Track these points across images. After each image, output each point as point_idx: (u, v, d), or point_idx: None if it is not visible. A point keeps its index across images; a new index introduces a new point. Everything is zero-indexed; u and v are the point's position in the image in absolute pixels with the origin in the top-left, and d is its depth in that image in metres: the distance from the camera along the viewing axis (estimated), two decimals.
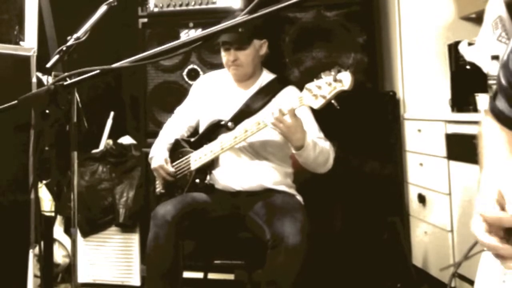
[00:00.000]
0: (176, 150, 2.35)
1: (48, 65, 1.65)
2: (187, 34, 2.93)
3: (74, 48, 1.70)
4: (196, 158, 2.25)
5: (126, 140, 3.21)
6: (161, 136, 2.45)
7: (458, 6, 2.89)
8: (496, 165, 0.99)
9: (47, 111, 1.17)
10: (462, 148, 2.32)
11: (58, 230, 2.98)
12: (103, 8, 1.85)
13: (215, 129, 2.26)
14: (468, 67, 2.57)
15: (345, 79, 1.82)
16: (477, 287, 1.01)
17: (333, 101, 1.87)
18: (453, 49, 2.69)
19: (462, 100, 2.62)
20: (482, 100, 2.41)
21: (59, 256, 2.97)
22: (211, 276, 2.57)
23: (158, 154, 2.34)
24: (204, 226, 2.19)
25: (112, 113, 3.25)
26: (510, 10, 2.42)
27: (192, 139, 2.35)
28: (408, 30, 2.97)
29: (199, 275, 2.56)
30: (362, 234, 2.72)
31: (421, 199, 2.68)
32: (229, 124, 2.24)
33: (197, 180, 2.25)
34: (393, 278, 2.63)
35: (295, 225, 1.95)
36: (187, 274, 2.38)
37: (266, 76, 2.38)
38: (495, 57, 2.38)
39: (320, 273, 2.46)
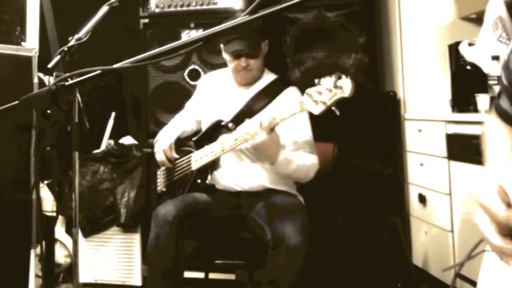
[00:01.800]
0: (178, 148, 2.36)
1: (50, 65, 1.65)
2: (188, 35, 2.93)
3: (75, 49, 1.70)
4: (197, 158, 2.25)
5: (127, 140, 3.21)
6: (170, 124, 2.46)
7: (458, 7, 2.89)
8: (498, 163, 1.00)
9: (48, 112, 1.18)
10: (463, 148, 2.32)
11: (59, 230, 2.99)
12: (104, 9, 1.85)
13: (216, 130, 2.26)
14: (468, 67, 2.57)
15: (346, 86, 1.81)
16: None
17: (333, 108, 1.86)
18: (453, 49, 2.70)
19: (462, 100, 2.62)
20: (482, 100, 2.41)
21: (61, 256, 2.97)
22: (212, 276, 2.58)
23: (164, 138, 2.35)
24: (205, 226, 2.19)
25: (113, 114, 3.25)
26: (510, 11, 2.42)
27: (194, 138, 2.36)
28: (408, 30, 2.97)
29: (200, 275, 2.57)
30: (362, 234, 2.72)
31: (422, 199, 2.69)
32: (230, 125, 2.24)
33: (198, 180, 2.26)
34: (393, 278, 2.64)
35: (296, 225, 1.96)
36: (188, 274, 2.39)
37: (268, 77, 2.38)
38: (495, 58, 2.38)
39: (320, 273, 2.46)
